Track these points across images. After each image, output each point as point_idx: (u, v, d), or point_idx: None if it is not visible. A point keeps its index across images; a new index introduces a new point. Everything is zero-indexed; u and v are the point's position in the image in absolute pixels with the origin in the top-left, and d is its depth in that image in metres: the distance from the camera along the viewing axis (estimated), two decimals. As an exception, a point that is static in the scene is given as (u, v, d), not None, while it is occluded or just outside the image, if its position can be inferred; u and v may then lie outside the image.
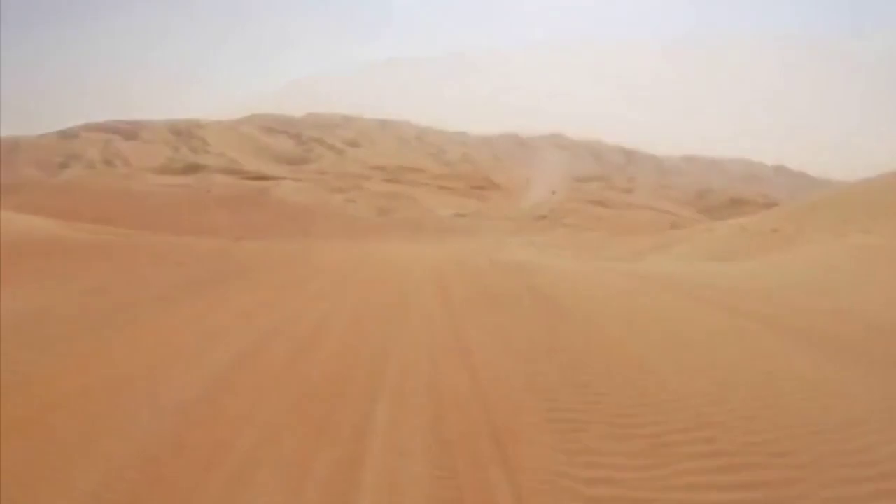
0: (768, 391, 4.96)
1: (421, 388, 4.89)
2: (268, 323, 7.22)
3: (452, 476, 3.46)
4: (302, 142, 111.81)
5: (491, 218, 40.39)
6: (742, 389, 5.01)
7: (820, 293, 10.12)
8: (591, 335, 6.97)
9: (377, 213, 37.76)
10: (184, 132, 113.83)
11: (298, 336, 6.64)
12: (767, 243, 18.90)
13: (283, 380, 5.07)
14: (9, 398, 4.34)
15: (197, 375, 5.05)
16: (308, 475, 3.42)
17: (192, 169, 68.99)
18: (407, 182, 56.47)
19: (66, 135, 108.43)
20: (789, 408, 4.56)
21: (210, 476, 3.40)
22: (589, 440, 3.99)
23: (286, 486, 3.32)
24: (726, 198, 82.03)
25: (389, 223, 34.97)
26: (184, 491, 3.27)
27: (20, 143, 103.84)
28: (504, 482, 3.42)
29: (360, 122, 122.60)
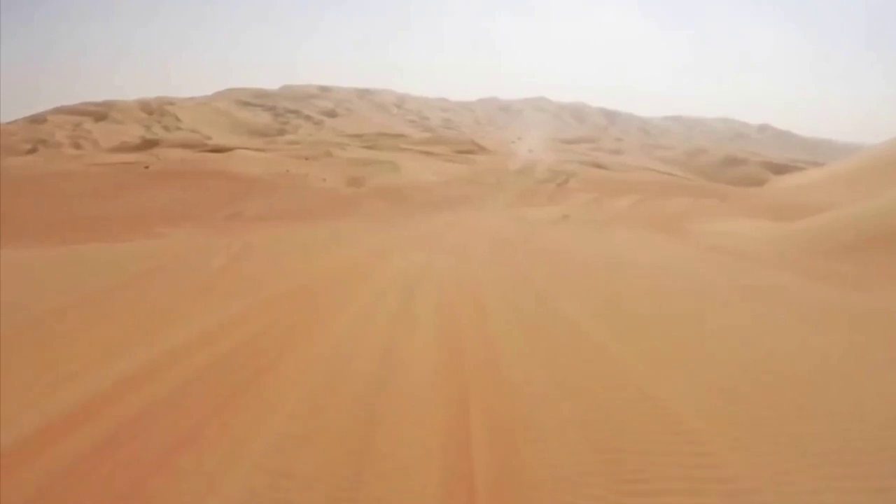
0: None
1: None
2: None
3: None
4: (278, 114, 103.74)
5: (483, 183, 31.77)
6: None
7: None
8: None
9: (347, 184, 28.88)
10: (156, 110, 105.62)
11: None
12: None
13: None
14: None
15: None
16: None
17: (148, 145, 59.82)
18: (386, 149, 47.64)
19: (35, 120, 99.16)
20: None
21: None
22: None
23: None
24: (720, 157, 74.04)
25: (361, 195, 26.19)
26: None
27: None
28: None
29: (337, 92, 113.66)
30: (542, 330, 6.74)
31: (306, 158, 37.65)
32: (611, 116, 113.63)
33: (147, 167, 34.84)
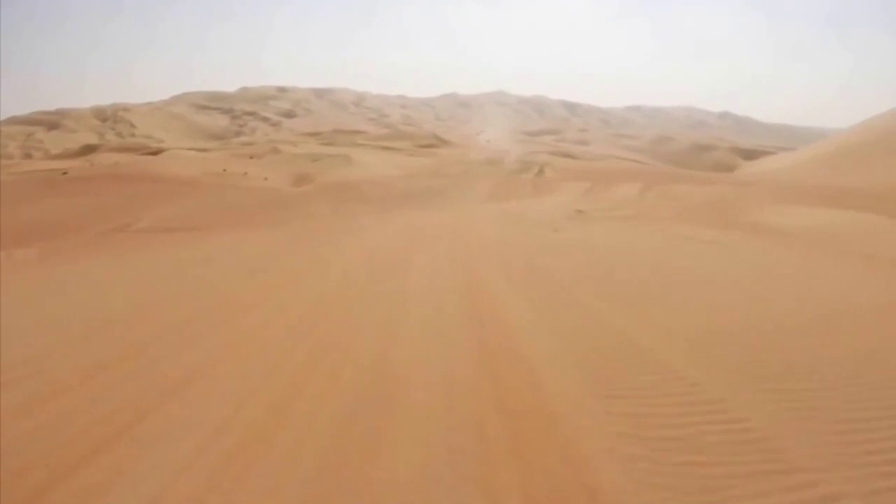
0: None
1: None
2: None
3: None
4: (235, 117, 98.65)
5: (451, 176, 27.14)
6: None
7: None
8: None
9: (292, 182, 23.95)
10: (110, 117, 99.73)
11: None
12: None
13: None
14: None
15: None
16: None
17: (87, 150, 54.16)
18: (342, 145, 42.69)
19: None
20: None
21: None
22: None
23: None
24: (688, 144, 70.58)
25: (306, 194, 21.26)
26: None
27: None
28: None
29: (295, 93, 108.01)
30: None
31: (251, 157, 32.53)
32: (571, 108, 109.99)
33: (65, 173, 29.43)
